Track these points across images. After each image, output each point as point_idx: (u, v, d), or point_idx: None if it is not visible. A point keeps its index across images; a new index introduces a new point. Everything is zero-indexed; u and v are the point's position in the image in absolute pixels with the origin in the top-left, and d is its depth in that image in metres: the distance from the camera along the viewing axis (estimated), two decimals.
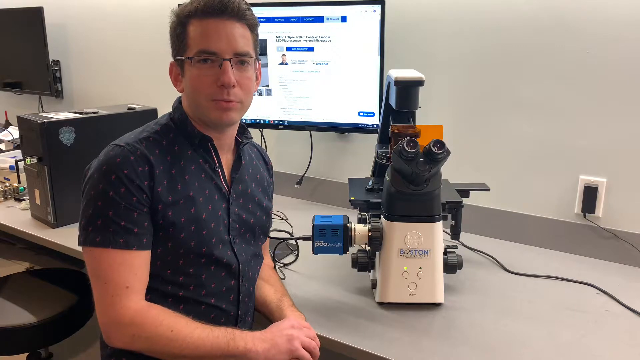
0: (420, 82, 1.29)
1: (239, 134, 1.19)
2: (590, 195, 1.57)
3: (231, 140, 1.18)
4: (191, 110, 1.12)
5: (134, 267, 1.01)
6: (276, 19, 1.79)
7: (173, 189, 1.06)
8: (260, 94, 1.89)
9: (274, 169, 2.11)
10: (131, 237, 1.01)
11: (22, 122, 1.75)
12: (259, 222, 1.23)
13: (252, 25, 1.10)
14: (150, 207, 1.03)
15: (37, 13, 2.66)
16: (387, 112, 1.44)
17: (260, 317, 1.23)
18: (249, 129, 1.24)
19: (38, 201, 1.78)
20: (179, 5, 1.10)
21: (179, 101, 1.15)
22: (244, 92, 1.09)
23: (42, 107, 3.03)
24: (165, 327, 0.99)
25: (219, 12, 1.04)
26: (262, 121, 1.93)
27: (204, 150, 1.12)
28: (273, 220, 1.82)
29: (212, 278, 1.11)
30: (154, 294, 1.05)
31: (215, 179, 1.13)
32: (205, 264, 1.10)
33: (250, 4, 1.11)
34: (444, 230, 1.28)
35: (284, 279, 1.42)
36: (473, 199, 1.51)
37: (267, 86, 1.87)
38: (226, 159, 1.17)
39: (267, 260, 1.36)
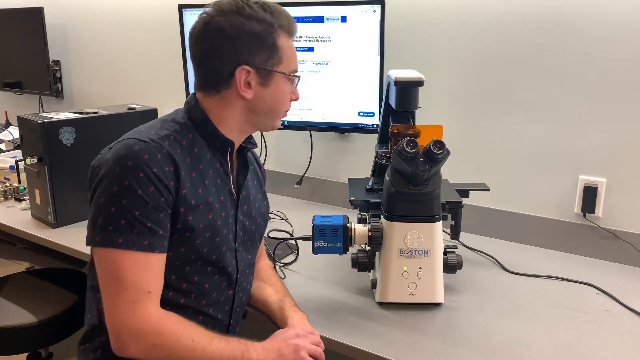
0: (420, 82, 1.29)
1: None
2: (590, 195, 1.57)
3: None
4: (244, 118, 1.09)
5: (155, 271, 0.98)
6: None
7: (195, 193, 1.03)
8: None
9: (274, 169, 2.11)
10: (156, 239, 0.97)
11: (22, 122, 1.76)
12: (258, 229, 1.23)
13: None
14: (172, 209, 1.00)
15: (37, 13, 2.66)
16: (387, 112, 1.44)
17: (258, 317, 1.23)
18: None
19: (38, 201, 1.78)
20: (247, 5, 1.03)
21: (195, 99, 1.10)
22: None
23: (42, 107, 3.03)
24: (187, 337, 0.97)
25: (294, 33, 1.10)
26: None
27: (221, 154, 1.11)
28: (273, 220, 1.83)
29: (214, 287, 1.10)
30: None
31: (229, 185, 1.12)
32: (211, 272, 1.09)
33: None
34: (444, 230, 1.28)
35: (284, 278, 1.42)
36: (473, 199, 1.51)
37: None
38: (234, 163, 1.17)
39: (267, 260, 1.36)
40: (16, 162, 2.05)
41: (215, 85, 1.07)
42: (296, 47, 1.77)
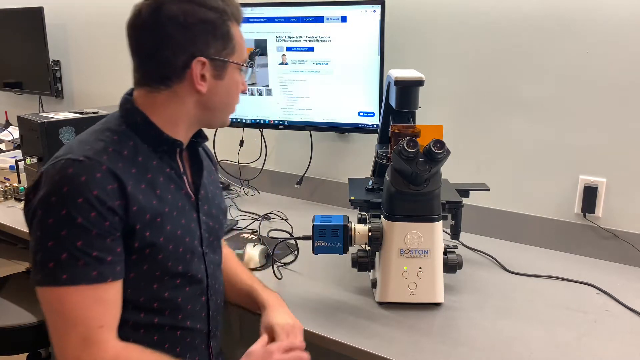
0: (420, 82, 1.29)
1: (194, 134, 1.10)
2: (590, 195, 1.57)
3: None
4: (194, 115, 1.01)
5: (108, 301, 0.90)
6: (276, 19, 1.79)
7: (149, 206, 0.94)
8: (261, 94, 1.89)
9: (274, 169, 2.11)
10: (104, 267, 0.88)
11: (22, 122, 1.76)
12: (221, 227, 1.17)
13: None
14: (124, 229, 0.91)
15: (37, 13, 2.66)
16: (387, 112, 1.45)
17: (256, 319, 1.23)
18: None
19: None
20: None
21: (130, 101, 1.00)
22: None
23: (42, 107, 3.03)
24: None
25: (241, 19, 1.03)
26: (262, 121, 1.93)
27: (169, 157, 1.02)
28: (273, 220, 1.83)
29: (188, 299, 1.03)
30: (124, 326, 0.95)
31: (184, 187, 1.04)
32: (181, 285, 1.01)
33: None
34: (444, 230, 1.28)
35: (280, 278, 1.42)
36: (473, 199, 1.51)
37: (267, 86, 1.87)
38: (185, 162, 1.08)
39: (226, 247, 1.30)
40: (16, 162, 2.05)
41: (165, 80, 0.97)
42: (296, 47, 1.80)
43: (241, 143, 2.14)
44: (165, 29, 0.93)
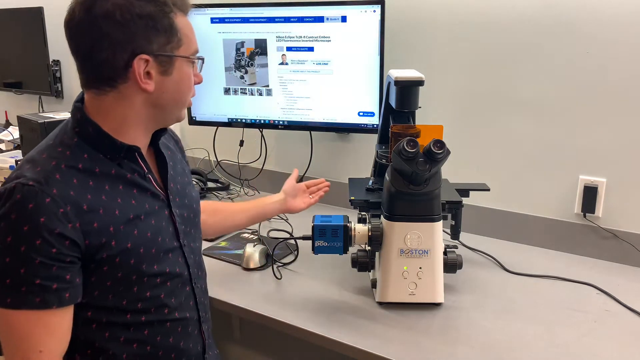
0: (420, 82, 1.29)
1: None
2: (590, 195, 1.57)
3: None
4: (146, 115, 0.98)
5: (52, 327, 0.89)
6: (276, 19, 1.79)
7: (111, 217, 0.93)
8: (261, 94, 1.89)
9: (274, 169, 2.10)
10: (49, 294, 0.87)
11: (22, 122, 1.76)
12: (197, 214, 1.16)
13: None
14: (86, 247, 0.90)
15: (37, 13, 2.66)
16: (387, 112, 1.45)
17: (256, 322, 1.23)
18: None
19: None
20: None
21: (81, 111, 0.98)
22: None
23: (42, 107, 3.03)
24: None
25: (188, 9, 0.98)
26: (262, 121, 1.93)
27: (129, 160, 0.99)
28: (273, 220, 1.83)
29: (171, 294, 1.03)
30: (113, 327, 0.97)
31: (150, 188, 1.02)
32: (161, 282, 1.01)
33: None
34: (444, 230, 1.28)
35: (280, 278, 1.42)
36: (473, 199, 1.51)
37: (267, 86, 1.87)
38: (149, 160, 1.06)
39: (208, 203, 1.40)
40: (16, 162, 2.05)
41: (108, 81, 0.94)
42: (296, 47, 1.80)
43: (241, 143, 2.14)
44: (101, 28, 0.89)
